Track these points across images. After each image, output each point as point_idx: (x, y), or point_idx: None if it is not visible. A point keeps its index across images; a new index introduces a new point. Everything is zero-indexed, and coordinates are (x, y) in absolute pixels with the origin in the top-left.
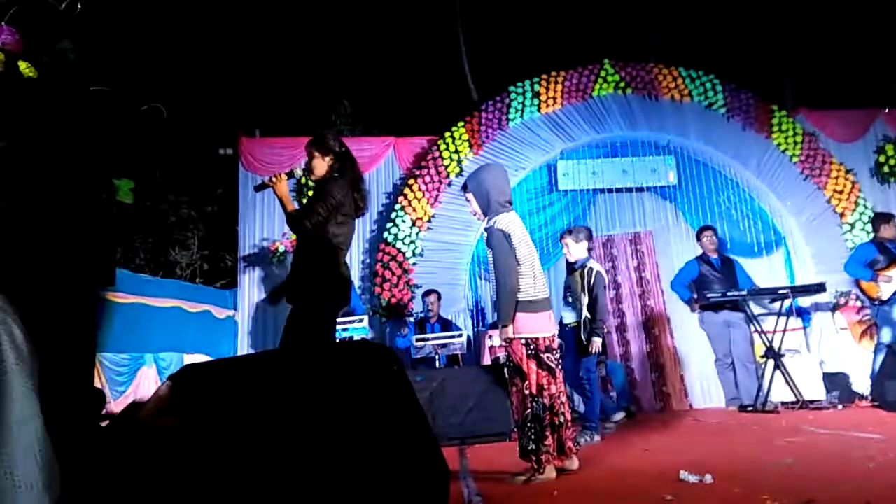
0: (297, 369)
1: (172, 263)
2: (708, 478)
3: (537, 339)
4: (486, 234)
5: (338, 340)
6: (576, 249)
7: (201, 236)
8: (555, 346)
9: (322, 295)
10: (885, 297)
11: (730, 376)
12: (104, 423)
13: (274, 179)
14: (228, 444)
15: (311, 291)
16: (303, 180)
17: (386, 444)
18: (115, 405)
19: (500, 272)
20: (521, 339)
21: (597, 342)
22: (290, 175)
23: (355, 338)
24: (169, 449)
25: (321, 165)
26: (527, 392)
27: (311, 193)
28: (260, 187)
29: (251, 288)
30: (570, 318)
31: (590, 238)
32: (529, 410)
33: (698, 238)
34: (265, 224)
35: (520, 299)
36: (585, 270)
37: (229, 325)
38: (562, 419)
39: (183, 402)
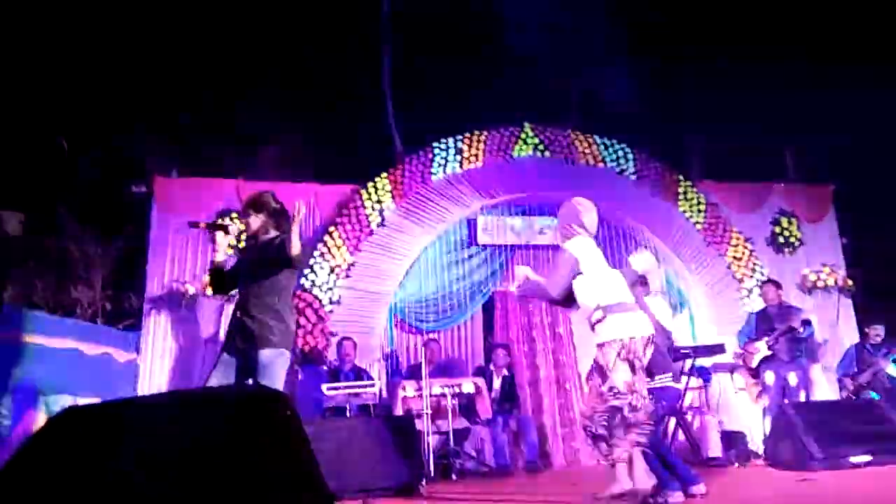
0: (182, 414)
1: (73, 301)
2: None
3: (627, 340)
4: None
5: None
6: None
7: (105, 274)
8: (647, 349)
9: (291, 343)
10: (752, 366)
11: None
12: None
13: (230, 230)
14: (107, 489)
15: (287, 340)
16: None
17: (270, 494)
18: None
19: (550, 283)
20: (612, 340)
21: None
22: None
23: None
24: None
25: (256, 222)
26: (606, 390)
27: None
28: (212, 226)
29: (157, 331)
30: None
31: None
32: (607, 404)
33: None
34: (176, 265)
35: (605, 305)
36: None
37: (130, 369)
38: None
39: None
